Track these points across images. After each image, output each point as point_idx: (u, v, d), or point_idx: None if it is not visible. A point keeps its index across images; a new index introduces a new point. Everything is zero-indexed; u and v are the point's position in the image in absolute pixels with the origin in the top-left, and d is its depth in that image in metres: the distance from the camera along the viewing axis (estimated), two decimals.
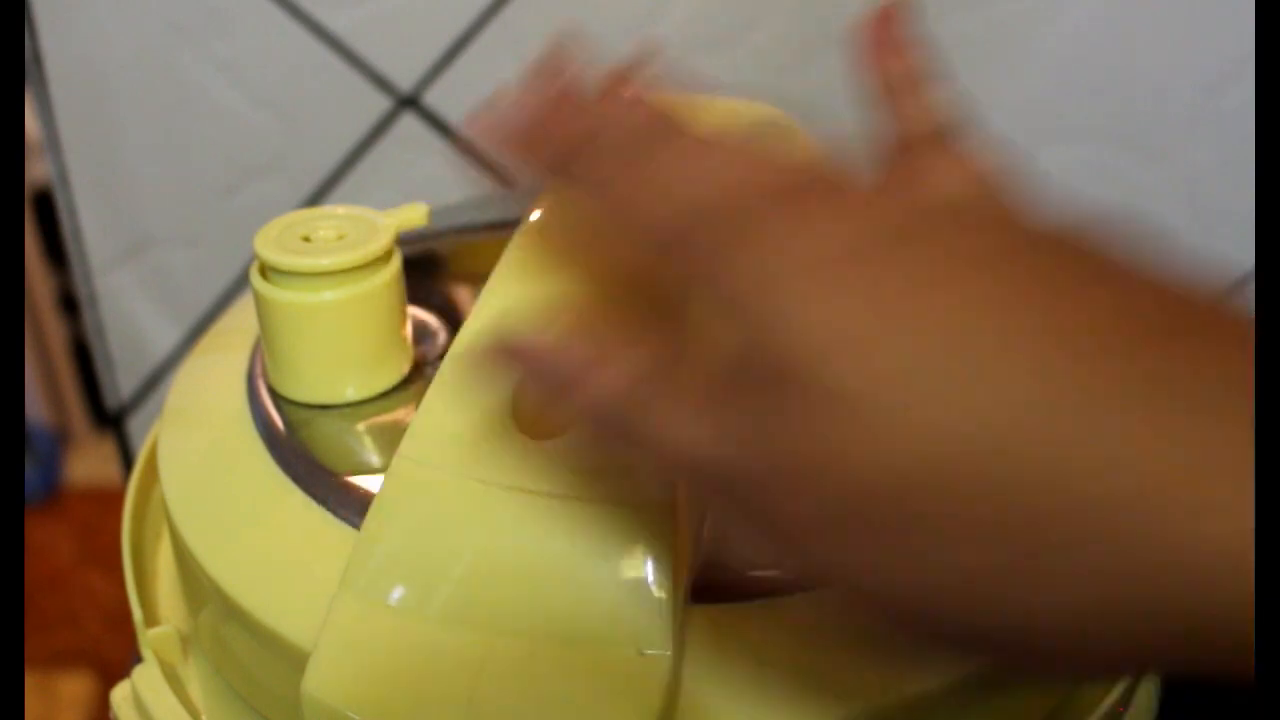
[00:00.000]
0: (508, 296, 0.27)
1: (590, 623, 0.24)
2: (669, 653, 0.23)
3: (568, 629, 0.24)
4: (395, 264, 0.31)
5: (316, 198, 0.59)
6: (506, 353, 0.22)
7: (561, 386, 0.21)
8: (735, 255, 0.19)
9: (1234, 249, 0.57)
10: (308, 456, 0.29)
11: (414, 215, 0.31)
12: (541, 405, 0.23)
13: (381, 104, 0.56)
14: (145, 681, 0.29)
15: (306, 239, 0.31)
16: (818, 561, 0.19)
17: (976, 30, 0.52)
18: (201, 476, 0.31)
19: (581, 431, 0.23)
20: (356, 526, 0.26)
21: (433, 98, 0.56)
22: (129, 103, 0.57)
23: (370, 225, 0.31)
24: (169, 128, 0.57)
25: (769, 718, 0.24)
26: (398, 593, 0.24)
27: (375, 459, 0.30)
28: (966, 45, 0.53)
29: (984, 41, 0.52)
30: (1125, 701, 0.28)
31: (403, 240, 0.32)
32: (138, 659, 0.31)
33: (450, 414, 0.26)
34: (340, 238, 0.31)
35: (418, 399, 0.26)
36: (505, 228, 0.30)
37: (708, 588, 0.25)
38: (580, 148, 0.22)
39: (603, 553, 0.24)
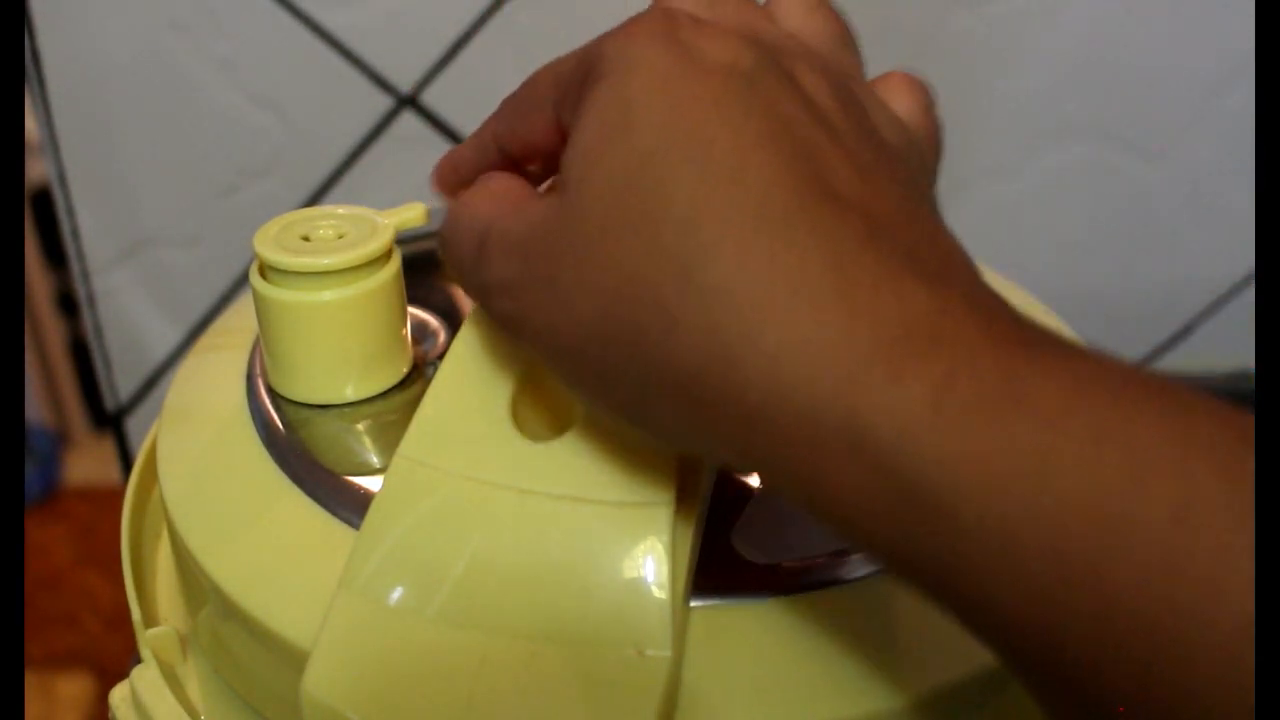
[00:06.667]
0: None
1: (590, 623, 0.24)
2: (669, 653, 0.23)
3: (568, 629, 0.24)
4: (395, 264, 0.31)
5: (316, 197, 0.59)
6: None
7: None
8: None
9: (1234, 249, 0.57)
10: (307, 456, 0.29)
11: (412, 214, 0.31)
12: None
13: (381, 104, 0.56)
14: (144, 682, 0.29)
15: (306, 238, 0.31)
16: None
17: (977, 29, 0.52)
18: (200, 476, 0.31)
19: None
20: (356, 526, 0.26)
21: (432, 97, 0.56)
22: (128, 102, 0.57)
23: (370, 225, 0.31)
24: (168, 127, 0.57)
25: (769, 718, 0.24)
26: (397, 593, 0.24)
27: (375, 459, 0.30)
28: (966, 44, 0.53)
29: (984, 40, 0.52)
30: None
31: (402, 240, 0.32)
32: (137, 659, 0.31)
33: (450, 414, 0.26)
34: (340, 237, 0.31)
35: (418, 399, 0.26)
36: None
37: (708, 587, 0.25)
38: None
39: (603, 553, 0.24)
